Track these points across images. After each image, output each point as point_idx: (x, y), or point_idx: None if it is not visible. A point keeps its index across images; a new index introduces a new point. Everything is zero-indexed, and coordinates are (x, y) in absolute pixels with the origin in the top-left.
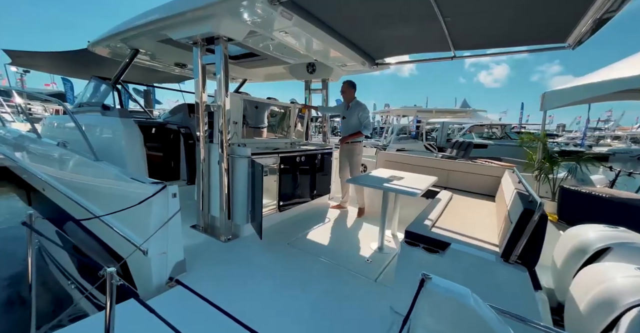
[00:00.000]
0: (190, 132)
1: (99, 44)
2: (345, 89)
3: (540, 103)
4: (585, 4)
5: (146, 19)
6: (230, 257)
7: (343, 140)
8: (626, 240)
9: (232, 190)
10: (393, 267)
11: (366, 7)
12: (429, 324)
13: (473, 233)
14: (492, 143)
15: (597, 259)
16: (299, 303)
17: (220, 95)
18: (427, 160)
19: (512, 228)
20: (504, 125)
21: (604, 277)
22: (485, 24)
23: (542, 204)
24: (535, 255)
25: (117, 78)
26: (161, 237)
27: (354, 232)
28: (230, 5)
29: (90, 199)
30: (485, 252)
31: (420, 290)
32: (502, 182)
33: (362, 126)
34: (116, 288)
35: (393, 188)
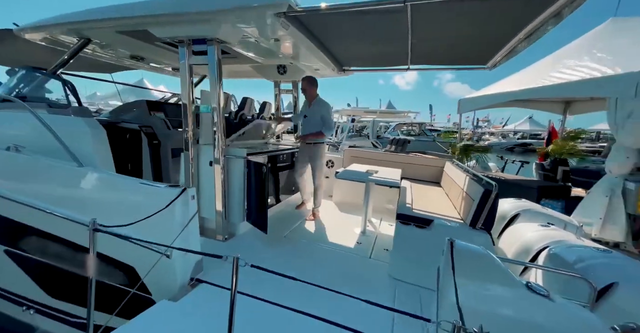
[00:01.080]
0: (154, 132)
1: (37, 30)
2: (306, 86)
3: (457, 107)
4: (505, 39)
5: (126, 13)
6: (234, 254)
7: (303, 138)
8: (527, 208)
9: (227, 190)
10: (378, 246)
11: (356, 27)
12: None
13: (438, 211)
14: (414, 139)
15: (512, 222)
16: (309, 285)
17: (214, 96)
18: (385, 155)
19: (477, 204)
20: (421, 123)
21: (520, 234)
22: (438, 47)
23: (496, 186)
24: (492, 222)
25: (60, 67)
26: (182, 238)
27: (335, 221)
28: (238, 14)
29: (82, 210)
30: (457, 223)
31: (452, 250)
32: (446, 170)
33: (325, 126)
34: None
35: (377, 180)
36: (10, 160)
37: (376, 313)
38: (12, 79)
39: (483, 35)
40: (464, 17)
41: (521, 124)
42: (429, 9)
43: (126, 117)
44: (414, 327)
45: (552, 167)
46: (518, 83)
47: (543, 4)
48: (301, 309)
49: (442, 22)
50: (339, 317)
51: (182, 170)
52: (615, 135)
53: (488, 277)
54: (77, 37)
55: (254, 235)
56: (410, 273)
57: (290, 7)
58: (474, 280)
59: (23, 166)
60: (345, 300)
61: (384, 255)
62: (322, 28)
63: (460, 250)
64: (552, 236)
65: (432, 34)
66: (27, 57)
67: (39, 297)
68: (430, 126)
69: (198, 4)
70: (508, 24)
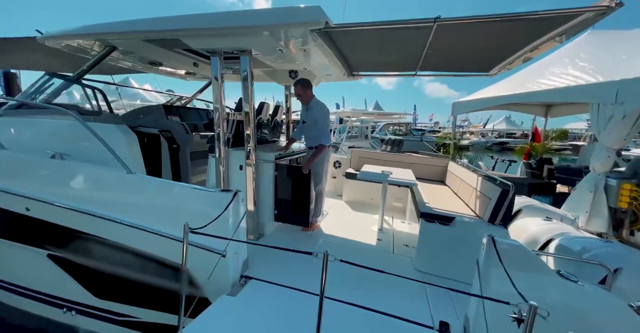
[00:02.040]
0: (172, 136)
1: (64, 39)
2: (300, 91)
3: (451, 110)
4: (510, 52)
5: (167, 27)
6: (269, 252)
7: (311, 161)
8: (529, 204)
9: (258, 192)
10: (398, 241)
11: (378, 40)
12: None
13: (452, 208)
14: (402, 138)
15: (515, 217)
16: (338, 274)
17: (248, 103)
18: (391, 156)
19: (494, 203)
20: (407, 123)
21: (526, 228)
22: (448, 57)
23: (513, 186)
24: (509, 219)
25: (84, 74)
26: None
27: (352, 220)
28: (276, 29)
29: (136, 216)
30: (476, 219)
31: (495, 246)
32: (450, 169)
33: (321, 136)
34: None
35: (397, 181)
36: (58, 168)
37: (412, 301)
38: (35, 84)
39: (492, 48)
40: (480, 33)
41: (498, 123)
42: (452, 27)
43: (143, 121)
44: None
45: (538, 165)
46: (508, 88)
47: (553, 24)
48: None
49: (459, 37)
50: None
51: (210, 173)
52: (597, 137)
53: (526, 267)
54: (103, 45)
55: (282, 235)
56: (437, 267)
57: (327, 24)
58: (514, 270)
59: (74, 173)
60: (380, 291)
61: (405, 250)
62: (347, 40)
63: (502, 246)
64: (555, 229)
65: (447, 46)
66: (43, 63)
67: (82, 298)
68: (414, 126)
69: (238, 19)
70: (516, 40)
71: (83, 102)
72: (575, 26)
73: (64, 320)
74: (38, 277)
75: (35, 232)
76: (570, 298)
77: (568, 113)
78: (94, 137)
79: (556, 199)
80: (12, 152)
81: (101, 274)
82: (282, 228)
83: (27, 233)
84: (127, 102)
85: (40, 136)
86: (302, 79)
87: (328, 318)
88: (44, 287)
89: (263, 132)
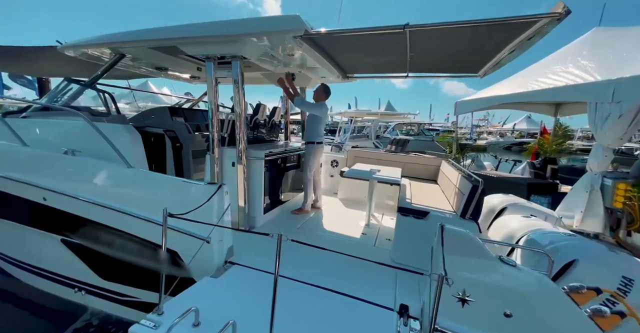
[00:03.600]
0: (176, 135)
1: (79, 48)
2: (320, 92)
3: (453, 109)
4: (491, 54)
5: (165, 35)
6: (257, 241)
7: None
8: (514, 201)
9: (248, 187)
10: (382, 236)
11: (361, 45)
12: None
13: (435, 205)
14: (412, 138)
15: (500, 215)
16: (319, 265)
17: (238, 104)
18: (387, 155)
19: (466, 198)
20: (419, 123)
21: (506, 224)
22: (433, 59)
23: (482, 182)
24: (478, 213)
25: (97, 79)
26: (218, 227)
27: (342, 216)
28: (261, 36)
29: (133, 205)
30: (449, 214)
31: (443, 233)
32: (442, 169)
33: (309, 133)
34: None
35: (381, 178)
36: (69, 163)
37: (381, 288)
38: (58, 90)
39: (472, 51)
40: (454, 37)
41: (519, 122)
42: (423, 33)
43: (150, 121)
44: (413, 298)
45: (542, 165)
46: (510, 87)
47: (519, 29)
48: (319, 284)
49: (435, 41)
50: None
51: (207, 170)
52: (595, 136)
53: (469, 252)
54: (113, 53)
55: (271, 227)
56: (411, 258)
57: (307, 32)
58: (459, 255)
59: (82, 167)
60: (355, 279)
61: (386, 243)
62: (332, 45)
63: (449, 233)
64: (532, 225)
65: (427, 48)
66: (61, 69)
67: (90, 279)
68: (429, 125)
69: (228, 28)
70: (492, 43)
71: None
72: (539, 30)
73: (75, 299)
74: (53, 259)
75: (50, 219)
76: (508, 280)
77: (578, 112)
78: (93, 136)
79: (555, 199)
80: (32, 149)
81: (105, 257)
82: (272, 222)
83: (44, 220)
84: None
85: (56, 135)
86: (326, 85)
87: (298, 300)
88: (58, 268)
89: (260, 132)
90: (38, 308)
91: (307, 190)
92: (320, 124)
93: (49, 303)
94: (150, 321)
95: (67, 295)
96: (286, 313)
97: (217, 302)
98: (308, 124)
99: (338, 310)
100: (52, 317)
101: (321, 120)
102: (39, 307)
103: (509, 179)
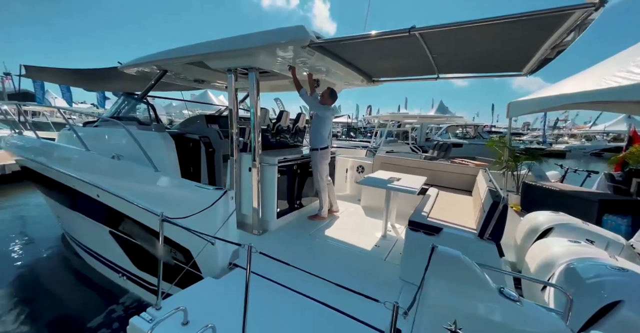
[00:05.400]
0: (210, 141)
1: (132, 66)
2: (326, 96)
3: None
4: (531, 51)
5: (193, 52)
6: (266, 246)
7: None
8: (563, 221)
9: (262, 192)
10: (396, 250)
11: (374, 49)
12: (438, 277)
13: (456, 220)
14: (467, 142)
15: (545, 236)
16: (327, 277)
17: (254, 113)
18: (416, 162)
19: (485, 215)
20: (477, 125)
21: (547, 248)
22: (463, 59)
23: (505, 198)
24: (500, 233)
25: (146, 93)
26: (223, 230)
27: (359, 224)
28: (270, 48)
29: (156, 204)
30: (466, 232)
31: (432, 255)
32: (477, 179)
33: (313, 139)
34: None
35: (396, 187)
36: (114, 165)
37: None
38: (118, 103)
39: (504, 49)
40: (476, 37)
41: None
42: (435, 34)
43: (190, 128)
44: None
45: (625, 178)
46: (576, 85)
47: (551, 24)
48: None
49: (456, 41)
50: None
51: (228, 174)
52: None
53: (463, 279)
54: (158, 70)
55: (284, 232)
56: (419, 277)
57: (312, 41)
58: (450, 280)
59: (122, 169)
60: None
61: (399, 258)
62: (345, 51)
63: (441, 255)
64: (580, 252)
65: (450, 49)
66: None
67: (128, 267)
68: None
69: (240, 42)
70: (525, 39)
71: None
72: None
73: (119, 282)
74: (105, 247)
75: (102, 213)
76: (508, 318)
77: None
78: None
79: (637, 221)
80: (91, 153)
81: (139, 248)
82: (285, 226)
83: (98, 213)
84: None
85: (109, 142)
86: (332, 89)
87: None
88: (107, 254)
89: (283, 137)
90: (93, 285)
91: (321, 197)
92: (324, 129)
93: (102, 283)
94: (149, 315)
95: (114, 278)
96: (272, 321)
97: (211, 303)
98: (312, 130)
99: (327, 326)
100: (102, 294)
101: (324, 125)
102: (94, 285)
103: (575, 193)
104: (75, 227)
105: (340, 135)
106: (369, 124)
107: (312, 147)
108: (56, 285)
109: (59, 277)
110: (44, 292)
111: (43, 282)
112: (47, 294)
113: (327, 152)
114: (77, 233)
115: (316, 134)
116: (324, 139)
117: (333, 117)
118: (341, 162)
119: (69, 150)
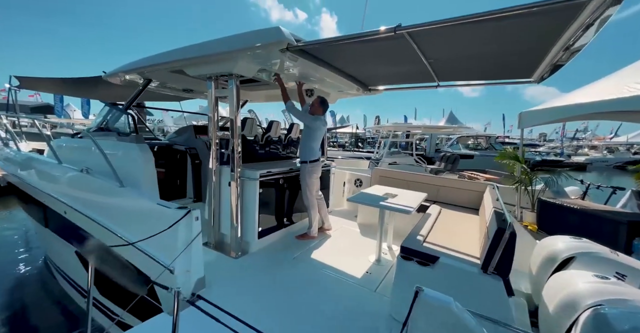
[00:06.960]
0: (197, 153)
1: (115, 75)
2: (317, 105)
3: (517, 121)
4: (541, 54)
5: (168, 59)
6: (243, 272)
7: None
8: (587, 250)
9: (242, 209)
10: (390, 278)
11: (364, 54)
12: (423, 328)
13: (459, 246)
14: (478, 154)
15: (565, 267)
16: (307, 313)
17: (233, 122)
18: (418, 176)
19: (489, 244)
20: (489, 136)
21: (569, 283)
22: (463, 65)
23: (512, 224)
24: (508, 267)
25: (130, 104)
26: (185, 256)
27: (352, 245)
28: (245, 53)
29: (117, 223)
30: (468, 264)
31: (415, 300)
32: (484, 197)
33: (301, 152)
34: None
35: (389, 206)
36: (81, 180)
37: None
38: (101, 113)
39: (511, 51)
40: (476, 37)
41: (638, 134)
42: (425, 33)
43: (178, 139)
44: None
45: None
46: (593, 94)
47: (559, 19)
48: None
49: (450, 43)
50: None
51: (208, 188)
52: None
53: (452, 330)
54: (141, 79)
55: (265, 255)
56: None
57: (290, 44)
58: (438, 330)
59: (87, 184)
60: None
61: (391, 289)
62: (332, 56)
63: (427, 300)
64: (610, 292)
65: (445, 53)
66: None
67: (93, 292)
68: (502, 138)
69: (214, 47)
70: (533, 40)
71: None
72: (591, 18)
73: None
74: (72, 267)
75: (67, 231)
76: None
77: None
78: (114, 154)
79: None
80: (62, 166)
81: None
82: (267, 248)
83: (65, 231)
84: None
85: (81, 154)
86: (323, 97)
87: None
88: (74, 275)
89: (275, 148)
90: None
91: (310, 214)
92: (314, 141)
93: (70, 306)
94: None
95: (81, 303)
96: None
97: None
98: (301, 142)
99: None
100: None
101: (314, 137)
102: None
103: (599, 213)
104: (48, 246)
105: (348, 146)
106: (377, 134)
107: (301, 159)
108: (27, 308)
109: (32, 298)
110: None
111: (14, 303)
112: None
113: (317, 165)
114: (51, 252)
115: (306, 146)
116: (314, 151)
117: (325, 127)
118: (338, 174)
119: (42, 164)
